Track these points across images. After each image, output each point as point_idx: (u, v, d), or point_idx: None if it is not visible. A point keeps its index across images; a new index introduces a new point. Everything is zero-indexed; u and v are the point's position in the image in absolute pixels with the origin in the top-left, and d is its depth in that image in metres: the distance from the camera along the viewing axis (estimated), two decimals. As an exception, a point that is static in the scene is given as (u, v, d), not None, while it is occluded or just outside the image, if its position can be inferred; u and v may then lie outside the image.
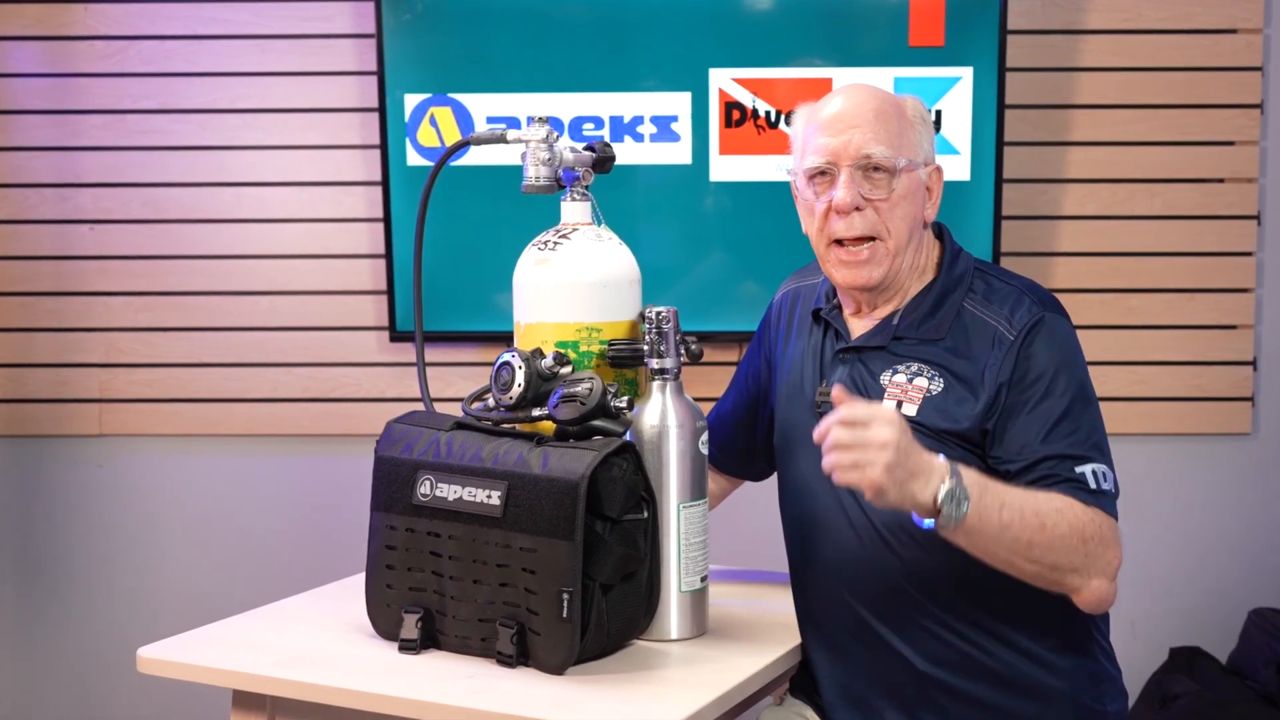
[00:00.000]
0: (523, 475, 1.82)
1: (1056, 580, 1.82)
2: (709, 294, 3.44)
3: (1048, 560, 1.80)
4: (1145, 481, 3.58)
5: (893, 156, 1.94)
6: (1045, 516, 1.79)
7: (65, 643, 3.74)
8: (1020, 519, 1.77)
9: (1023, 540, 1.78)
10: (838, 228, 1.96)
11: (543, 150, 2.01)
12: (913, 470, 1.71)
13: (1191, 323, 3.55)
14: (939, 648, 1.92)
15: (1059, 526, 1.79)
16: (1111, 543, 1.84)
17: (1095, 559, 1.82)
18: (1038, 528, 1.78)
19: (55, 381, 3.66)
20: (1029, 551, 1.78)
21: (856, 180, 1.94)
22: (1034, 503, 1.80)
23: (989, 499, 1.75)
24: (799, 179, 2.01)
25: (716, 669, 1.85)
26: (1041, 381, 1.89)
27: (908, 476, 1.70)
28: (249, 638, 2.00)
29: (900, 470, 1.69)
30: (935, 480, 1.72)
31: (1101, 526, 1.83)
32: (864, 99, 1.98)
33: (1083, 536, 1.80)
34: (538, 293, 2.00)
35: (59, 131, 3.60)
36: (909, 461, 1.70)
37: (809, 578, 2.04)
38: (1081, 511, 1.82)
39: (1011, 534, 1.77)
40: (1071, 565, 1.81)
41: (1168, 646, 3.54)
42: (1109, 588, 1.85)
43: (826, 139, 1.96)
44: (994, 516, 1.76)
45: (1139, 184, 3.53)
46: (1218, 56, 3.49)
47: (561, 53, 3.41)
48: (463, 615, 1.87)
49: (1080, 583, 1.82)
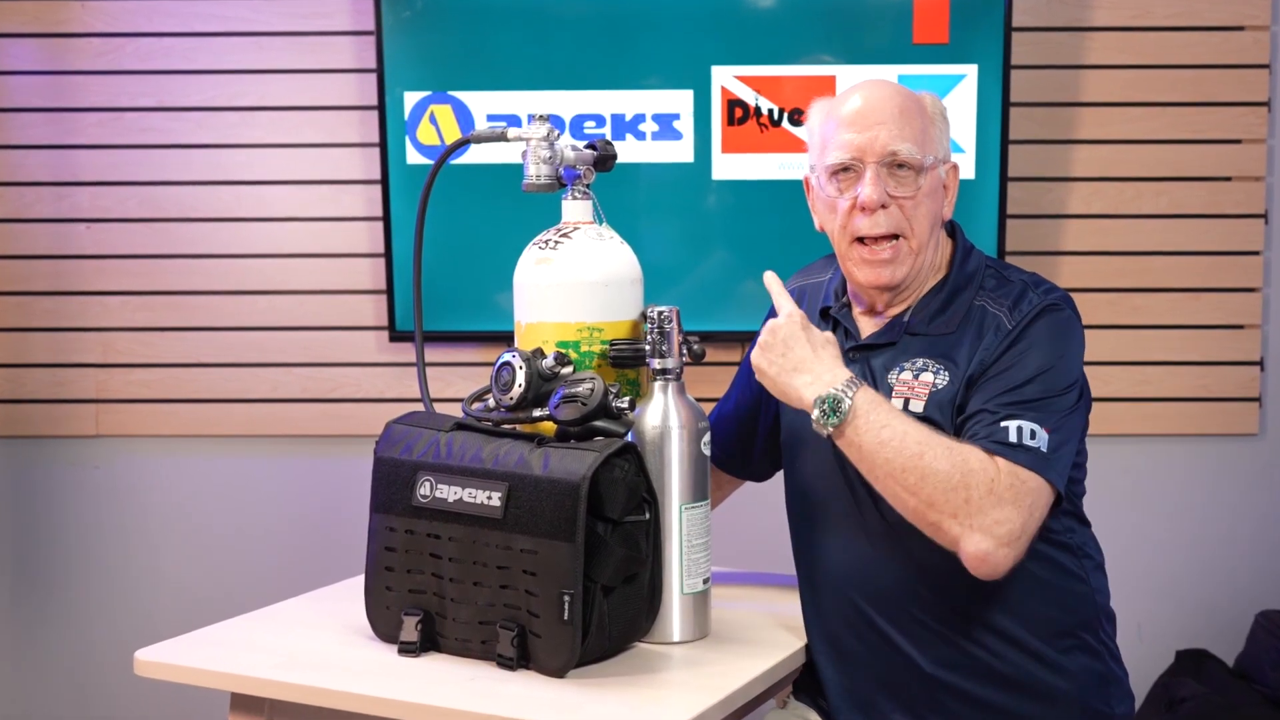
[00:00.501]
0: (523, 476, 1.82)
1: (935, 524, 1.79)
2: (711, 293, 3.44)
3: (923, 493, 1.78)
4: (1151, 483, 3.58)
5: (919, 154, 1.94)
6: (928, 447, 1.79)
7: (62, 646, 3.74)
8: (900, 442, 1.80)
9: (896, 464, 1.79)
10: (861, 225, 1.96)
11: (544, 148, 2.01)
12: (796, 365, 1.89)
13: (1198, 322, 3.55)
14: (946, 650, 1.92)
15: (939, 461, 1.78)
16: (1006, 501, 1.77)
17: (978, 511, 1.76)
18: (914, 455, 1.78)
19: (52, 382, 3.66)
20: (904, 478, 1.79)
21: (882, 177, 1.94)
22: (922, 433, 1.81)
23: (874, 417, 1.82)
24: (819, 175, 2.01)
25: (719, 672, 1.85)
26: (1014, 355, 1.89)
27: (790, 368, 1.89)
28: (247, 640, 2.00)
29: (777, 355, 1.90)
30: (820, 384, 1.85)
31: (997, 479, 1.78)
32: (888, 95, 1.98)
33: (965, 481, 1.77)
34: (538, 292, 2.00)
35: (55, 129, 3.60)
36: (792, 354, 1.89)
37: (816, 579, 2.03)
38: (977, 459, 1.79)
39: (885, 455, 1.80)
40: (948, 508, 1.77)
41: (1174, 649, 3.54)
42: (995, 550, 1.76)
43: (851, 135, 1.95)
44: (871, 435, 1.81)
45: (1145, 182, 3.53)
46: (1225, 54, 3.48)
47: (563, 50, 3.41)
48: (463, 618, 1.87)
49: (959, 532, 1.77)
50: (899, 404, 1.92)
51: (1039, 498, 1.81)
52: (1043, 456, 1.81)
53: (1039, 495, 1.81)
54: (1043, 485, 1.81)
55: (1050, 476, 1.81)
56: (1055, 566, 1.94)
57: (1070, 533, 1.96)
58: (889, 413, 1.83)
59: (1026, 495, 1.79)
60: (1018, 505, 1.78)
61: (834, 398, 1.82)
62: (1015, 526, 1.77)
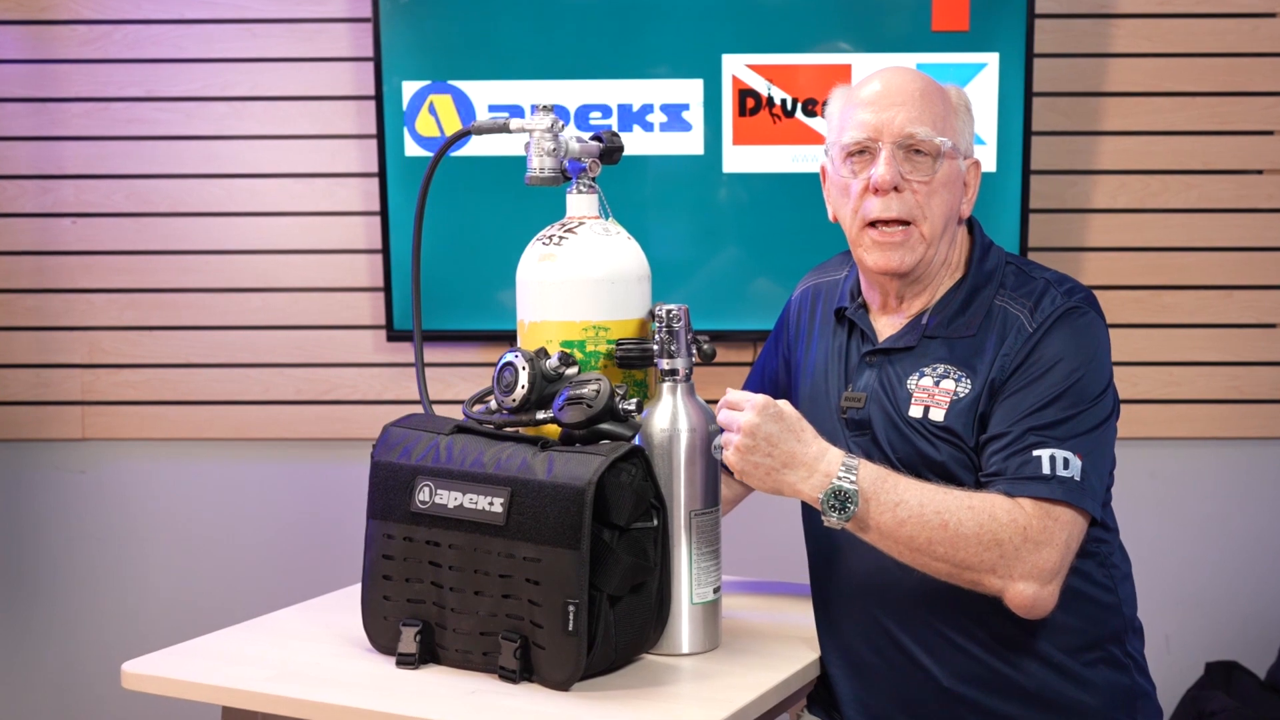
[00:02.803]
0: (526, 481, 1.82)
1: (974, 581, 1.82)
2: (722, 291, 3.44)
3: (956, 559, 1.80)
4: (1180, 488, 3.57)
5: (936, 138, 1.94)
6: (950, 515, 1.80)
7: (46, 658, 3.75)
8: (919, 517, 1.80)
9: (921, 539, 1.80)
10: (873, 208, 1.96)
11: (548, 140, 2.01)
12: (785, 461, 1.84)
13: (1228, 321, 3.54)
14: (967, 664, 1.92)
15: (964, 525, 1.79)
16: (1043, 544, 1.80)
17: (1015, 561, 1.79)
18: (938, 525, 1.79)
19: (35, 383, 3.66)
20: (932, 550, 1.80)
21: (898, 159, 1.95)
22: (940, 500, 1.81)
23: (884, 497, 1.81)
24: (835, 157, 2.02)
25: (730, 685, 1.85)
26: (1040, 366, 1.90)
27: (779, 465, 1.84)
28: (239, 652, 2.00)
29: (762, 457, 1.83)
30: (818, 476, 1.82)
31: (1030, 525, 1.80)
32: (909, 79, 1.99)
33: (997, 537, 1.79)
34: (542, 290, 2.00)
35: (39, 120, 3.61)
36: (778, 451, 1.84)
37: (832, 590, 2.04)
38: (1003, 510, 1.80)
39: (908, 532, 1.80)
40: (984, 566, 1.80)
41: (1203, 661, 3.53)
42: (1040, 591, 1.81)
43: (868, 115, 1.96)
44: (888, 515, 1.81)
45: (1173, 175, 3.52)
46: (1256, 41, 3.48)
47: (567, 38, 3.41)
48: (463, 628, 1.87)
49: (1000, 584, 1.81)
50: (919, 412, 1.93)
51: (1074, 529, 1.84)
52: (1076, 486, 1.83)
53: (1074, 526, 1.83)
54: (1076, 516, 1.84)
55: (1085, 505, 1.84)
56: (1081, 576, 1.93)
57: (1097, 542, 1.96)
58: (895, 485, 1.83)
59: (1061, 530, 1.82)
60: (1053, 545, 1.81)
61: (840, 492, 1.82)
62: (1055, 563, 1.81)
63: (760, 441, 1.83)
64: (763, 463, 1.84)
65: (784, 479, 1.84)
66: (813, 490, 1.83)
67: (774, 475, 1.84)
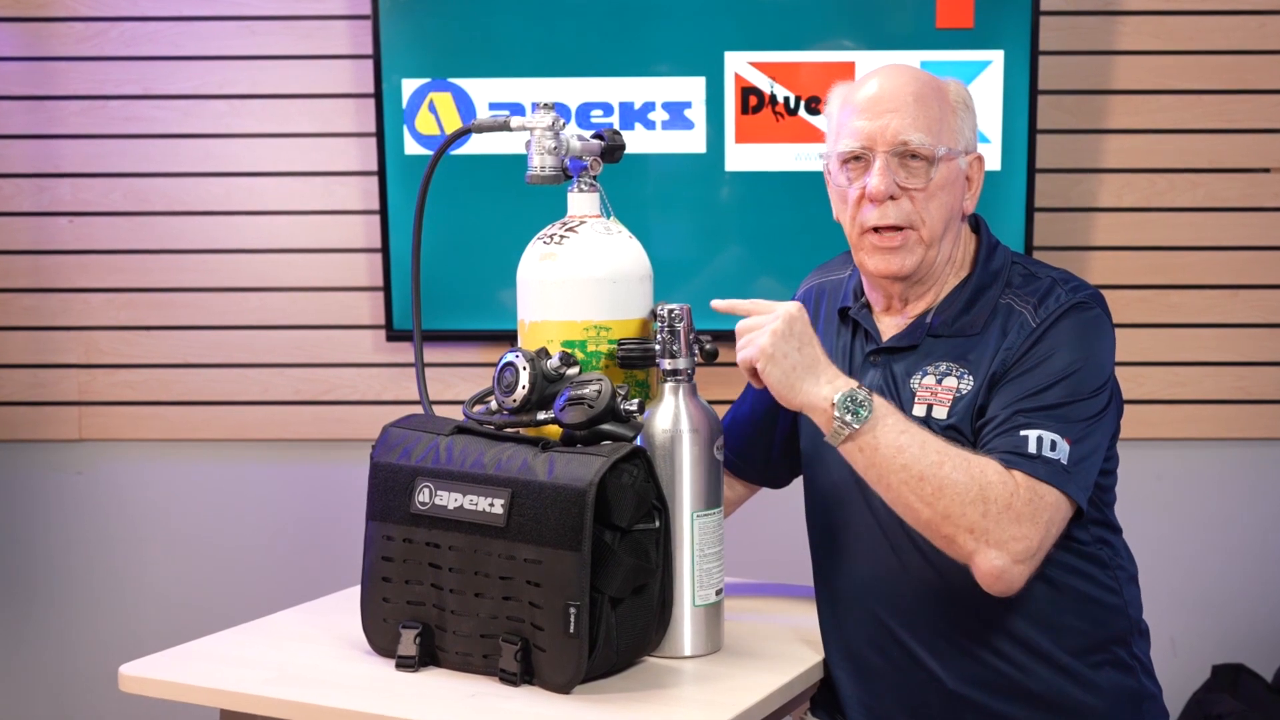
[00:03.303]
0: (527, 483, 1.82)
1: (949, 536, 1.80)
2: (724, 290, 3.37)
3: (939, 506, 1.78)
4: (1186, 489, 3.57)
5: (931, 144, 1.94)
6: (947, 458, 1.80)
7: (43, 660, 3.75)
8: (919, 448, 1.80)
9: (913, 472, 1.79)
10: (870, 216, 1.96)
11: (548, 138, 2.01)
12: (808, 363, 1.85)
13: (1235, 321, 3.54)
14: (972, 666, 1.92)
15: (957, 472, 1.79)
16: (1024, 518, 1.79)
17: (995, 527, 1.78)
18: (933, 464, 1.79)
19: (32, 383, 3.66)
20: (920, 487, 1.79)
21: (892, 167, 1.94)
22: (942, 444, 1.81)
23: (894, 420, 1.82)
24: (832, 163, 2.01)
25: (733, 687, 1.85)
26: (1039, 355, 1.90)
27: (801, 366, 1.85)
28: (237, 654, 2.00)
29: (789, 348, 1.85)
30: (839, 382, 1.84)
31: (1015, 495, 1.79)
32: (904, 81, 1.97)
33: (983, 495, 1.78)
34: (543, 289, 2.00)
35: (36, 118, 3.61)
36: (806, 351, 1.86)
37: (837, 592, 2.04)
38: (995, 472, 1.80)
39: (903, 461, 1.80)
40: (964, 522, 1.78)
41: (1210, 664, 3.54)
42: (1010, 567, 1.78)
43: (862, 122, 1.96)
44: (892, 436, 1.81)
45: (1179, 174, 3.52)
46: (1263, 39, 3.48)
47: (569, 35, 3.41)
48: (464, 631, 1.87)
49: (973, 547, 1.79)
50: (921, 411, 1.93)
51: (1057, 513, 1.82)
52: (1062, 470, 1.82)
53: (1057, 510, 1.82)
54: (1061, 500, 1.82)
55: (1070, 491, 1.82)
56: (1086, 579, 1.94)
57: (1101, 544, 1.96)
58: (904, 418, 1.84)
59: (1044, 511, 1.80)
60: (1035, 522, 1.79)
61: (856, 397, 1.82)
62: (1032, 544, 1.79)
63: (795, 335, 1.85)
64: (790, 355, 1.85)
65: (802, 382, 1.85)
66: (830, 393, 1.82)
67: (794, 375, 1.85)
